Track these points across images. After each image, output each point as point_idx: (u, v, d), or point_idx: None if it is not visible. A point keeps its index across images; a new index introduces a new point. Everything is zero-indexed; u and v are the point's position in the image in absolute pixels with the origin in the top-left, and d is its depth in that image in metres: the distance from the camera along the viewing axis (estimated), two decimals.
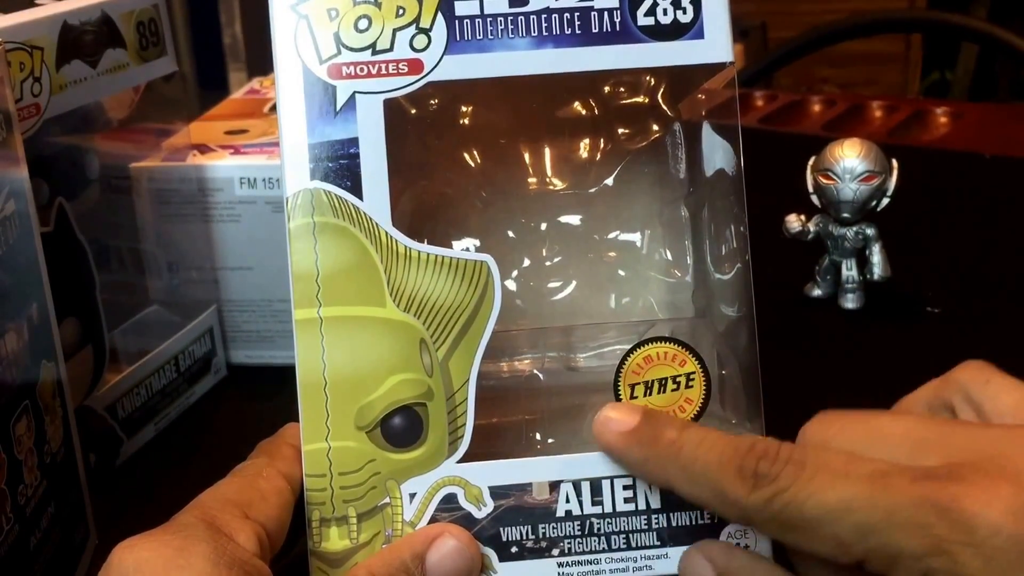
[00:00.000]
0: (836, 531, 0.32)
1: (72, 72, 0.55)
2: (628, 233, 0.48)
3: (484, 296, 0.40)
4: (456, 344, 0.40)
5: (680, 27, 0.41)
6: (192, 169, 0.63)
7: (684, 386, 0.40)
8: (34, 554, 0.43)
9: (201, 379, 0.65)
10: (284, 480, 0.39)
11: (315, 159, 0.39)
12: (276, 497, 0.38)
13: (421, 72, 0.40)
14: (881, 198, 0.68)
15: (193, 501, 0.37)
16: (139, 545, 0.35)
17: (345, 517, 0.39)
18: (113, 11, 0.58)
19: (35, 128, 0.53)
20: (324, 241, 0.39)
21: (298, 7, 0.39)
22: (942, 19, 1.21)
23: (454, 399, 0.39)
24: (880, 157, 0.67)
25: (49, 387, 0.46)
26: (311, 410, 0.39)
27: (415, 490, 0.39)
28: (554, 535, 0.40)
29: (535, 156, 0.48)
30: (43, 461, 0.45)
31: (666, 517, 0.40)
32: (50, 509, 0.45)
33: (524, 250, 0.47)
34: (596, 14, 0.40)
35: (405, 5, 0.40)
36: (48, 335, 0.47)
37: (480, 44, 0.40)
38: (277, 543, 0.38)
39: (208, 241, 0.64)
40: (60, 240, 0.54)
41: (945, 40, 2.26)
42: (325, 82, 0.39)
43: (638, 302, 0.48)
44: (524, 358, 0.46)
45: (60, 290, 0.48)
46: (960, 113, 1.09)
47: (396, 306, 0.39)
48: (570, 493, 0.40)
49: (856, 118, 1.09)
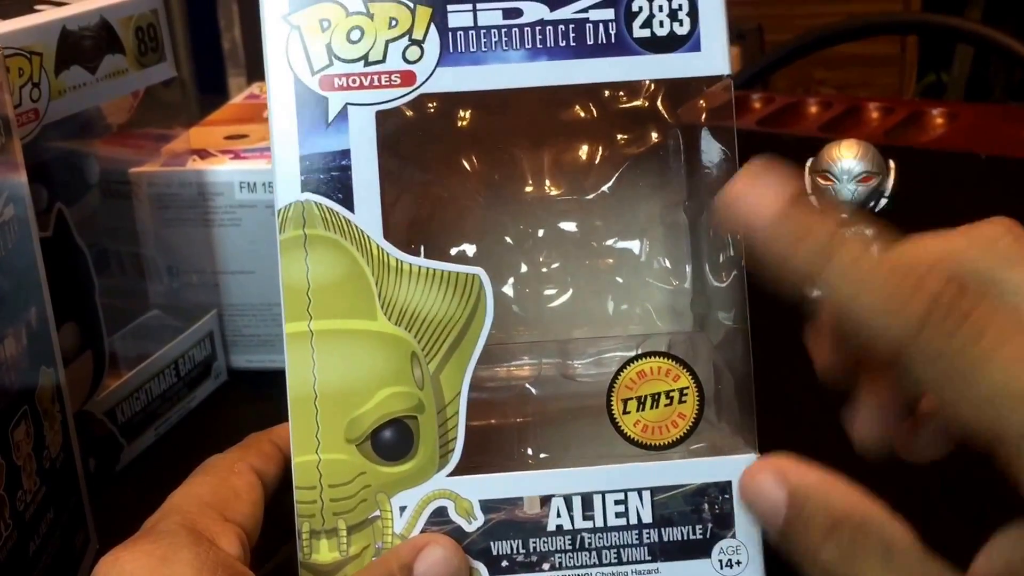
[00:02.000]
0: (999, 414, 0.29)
1: (71, 78, 0.55)
2: (626, 240, 0.48)
3: (476, 309, 0.40)
4: (448, 357, 0.39)
5: (677, 39, 0.40)
6: (192, 174, 0.63)
7: (677, 401, 0.40)
8: (33, 560, 0.43)
9: (201, 384, 0.65)
10: (255, 475, 0.39)
11: (306, 171, 0.39)
12: (249, 494, 0.39)
13: (414, 84, 0.39)
14: (879, 199, 0.68)
15: (168, 503, 0.38)
16: (123, 556, 0.35)
17: (335, 529, 0.39)
18: (112, 17, 0.58)
19: (34, 133, 0.53)
20: (315, 254, 0.39)
21: (290, 17, 0.39)
22: (937, 21, 1.20)
23: (445, 412, 0.39)
24: (877, 158, 0.67)
25: (48, 392, 0.46)
26: (301, 422, 0.39)
27: (405, 503, 0.39)
28: (545, 550, 0.40)
29: (533, 162, 0.47)
30: (42, 467, 0.45)
31: (657, 532, 0.40)
32: (49, 515, 0.45)
33: (521, 256, 0.47)
34: (591, 26, 0.40)
35: (398, 16, 0.39)
36: (47, 340, 0.47)
37: (474, 56, 0.39)
38: (255, 541, 0.38)
39: (208, 245, 0.64)
40: (59, 245, 0.54)
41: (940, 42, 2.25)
42: (317, 93, 0.39)
43: (636, 309, 0.48)
44: (520, 367, 0.46)
45: (59, 295, 0.48)
46: (956, 114, 1.08)
47: (387, 319, 0.39)
48: (561, 508, 0.40)
49: (853, 120, 1.09)
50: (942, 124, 1.06)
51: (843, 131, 1.03)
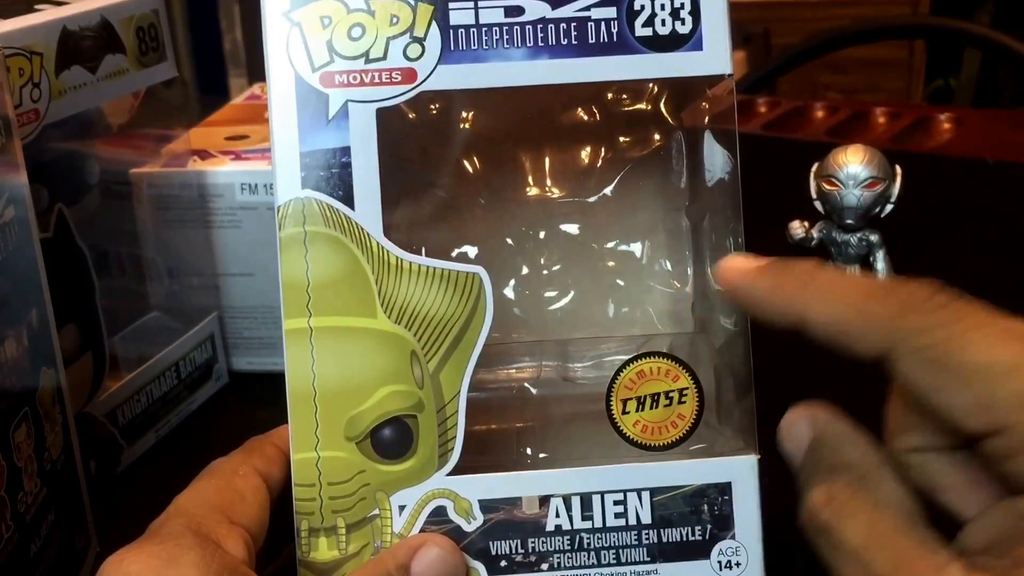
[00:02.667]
0: (991, 390, 0.29)
1: (72, 78, 0.55)
2: (628, 243, 0.48)
3: (476, 308, 0.39)
4: (447, 356, 0.39)
5: (679, 38, 0.40)
6: (193, 175, 0.63)
7: (677, 401, 0.40)
8: (34, 562, 0.43)
9: (202, 386, 0.65)
10: (259, 478, 0.39)
11: (306, 168, 0.39)
12: (254, 496, 0.38)
13: (415, 81, 0.39)
14: (885, 204, 0.67)
15: (173, 506, 0.37)
16: (128, 558, 0.35)
17: (334, 527, 0.39)
18: (113, 16, 0.58)
19: (35, 134, 0.53)
20: (315, 251, 0.39)
21: (291, 14, 0.39)
22: (945, 25, 1.20)
23: (444, 411, 0.39)
24: (884, 163, 0.67)
25: (49, 394, 0.46)
26: (300, 420, 0.39)
27: (404, 502, 0.39)
28: (544, 550, 0.39)
29: (535, 163, 0.47)
30: (43, 468, 0.45)
31: (656, 533, 0.39)
32: (50, 516, 0.45)
33: (523, 258, 0.47)
34: (593, 25, 0.40)
35: (399, 14, 0.39)
36: (48, 342, 0.47)
37: (475, 54, 0.39)
38: (260, 544, 0.38)
39: (209, 247, 0.64)
40: (60, 246, 0.54)
41: (948, 46, 2.25)
42: (318, 90, 0.39)
43: (637, 312, 0.47)
44: (519, 368, 0.46)
45: (60, 296, 0.48)
46: (963, 119, 1.08)
47: (387, 317, 0.39)
48: (560, 508, 0.39)
49: (859, 124, 1.09)
50: (949, 129, 1.06)
51: (849, 136, 1.03)
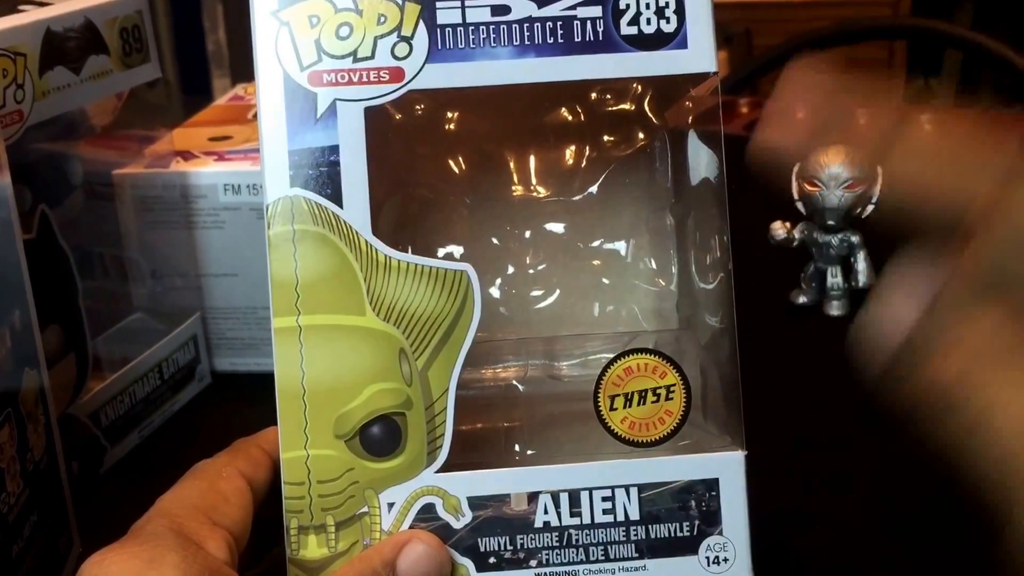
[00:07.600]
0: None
1: (55, 78, 0.55)
2: (613, 241, 0.48)
3: (464, 306, 0.40)
4: (436, 354, 0.39)
5: (663, 37, 0.40)
6: (175, 176, 0.63)
7: (664, 398, 0.40)
8: (16, 563, 0.43)
9: (185, 387, 0.65)
10: (244, 480, 0.39)
11: (295, 166, 0.39)
12: (238, 498, 0.38)
13: (402, 80, 0.39)
14: (866, 205, 0.68)
15: (156, 507, 0.37)
16: (108, 558, 0.35)
17: (323, 525, 0.39)
18: (97, 17, 0.58)
19: (18, 135, 0.53)
20: (304, 249, 0.39)
21: (279, 13, 0.39)
22: (926, 26, 1.21)
23: (433, 409, 0.39)
24: (865, 164, 0.68)
25: (32, 395, 0.46)
26: (289, 418, 0.39)
27: (393, 500, 0.39)
28: (532, 546, 0.40)
29: (520, 163, 0.47)
30: (25, 469, 0.45)
31: (644, 529, 0.40)
32: (33, 518, 0.45)
33: (508, 257, 0.47)
34: (579, 23, 0.40)
35: (387, 13, 0.39)
36: (30, 342, 0.47)
37: (462, 53, 0.40)
38: (243, 546, 0.38)
39: (192, 248, 0.64)
40: (43, 247, 0.54)
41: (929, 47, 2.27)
42: (306, 89, 0.39)
43: (622, 311, 0.48)
44: (506, 367, 0.46)
45: (43, 297, 0.48)
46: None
47: (376, 315, 0.39)
48: (548, 504, 0.40)
49: None
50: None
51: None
